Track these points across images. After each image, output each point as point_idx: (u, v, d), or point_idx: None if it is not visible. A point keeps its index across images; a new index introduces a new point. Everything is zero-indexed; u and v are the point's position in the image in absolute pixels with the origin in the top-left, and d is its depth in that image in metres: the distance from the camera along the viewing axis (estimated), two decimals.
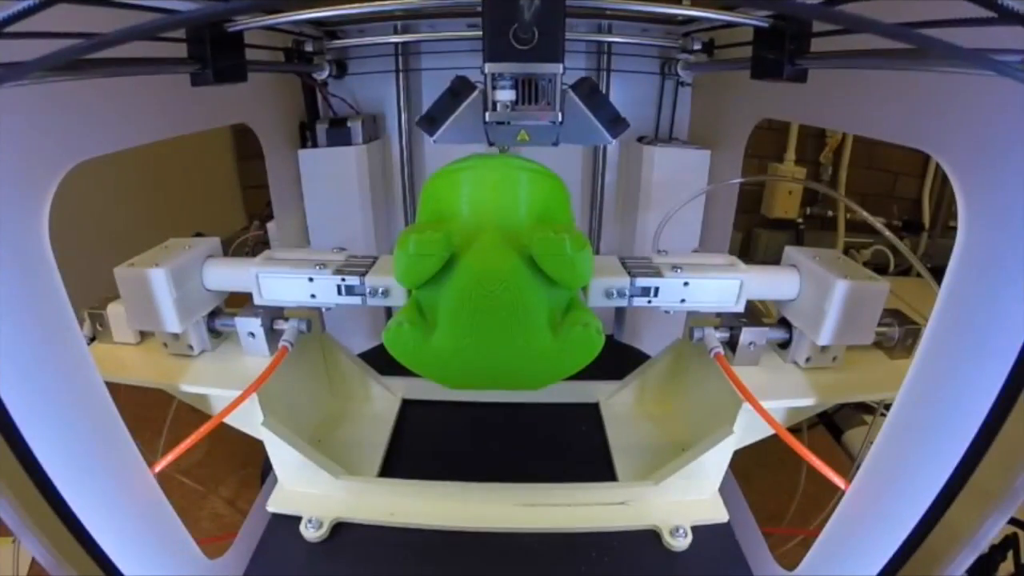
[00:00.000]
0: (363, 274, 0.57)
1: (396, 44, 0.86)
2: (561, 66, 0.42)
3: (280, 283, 0.58)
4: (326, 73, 0.86)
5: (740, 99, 0.77)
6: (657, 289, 0.57)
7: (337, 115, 0.91)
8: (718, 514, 0.61)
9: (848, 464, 0.99)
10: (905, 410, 0.42)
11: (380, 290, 0.57)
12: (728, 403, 0.58)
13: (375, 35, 0.84)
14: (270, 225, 0.88)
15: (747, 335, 0.60)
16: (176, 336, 0.61)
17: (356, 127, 0.87)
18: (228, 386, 0.58)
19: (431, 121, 0.49)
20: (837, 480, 0.50)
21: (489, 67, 0.42)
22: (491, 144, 0.50)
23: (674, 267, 0.57)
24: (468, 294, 0.46)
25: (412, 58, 0.90)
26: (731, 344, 0.62)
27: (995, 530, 0.37)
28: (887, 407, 0.63)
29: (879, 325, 0.58)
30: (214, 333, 0.65)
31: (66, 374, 0.40)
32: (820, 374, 0.61)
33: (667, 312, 0.59)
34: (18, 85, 0.33)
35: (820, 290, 0.55)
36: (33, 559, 0.59)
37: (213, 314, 0.64)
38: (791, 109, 0.70)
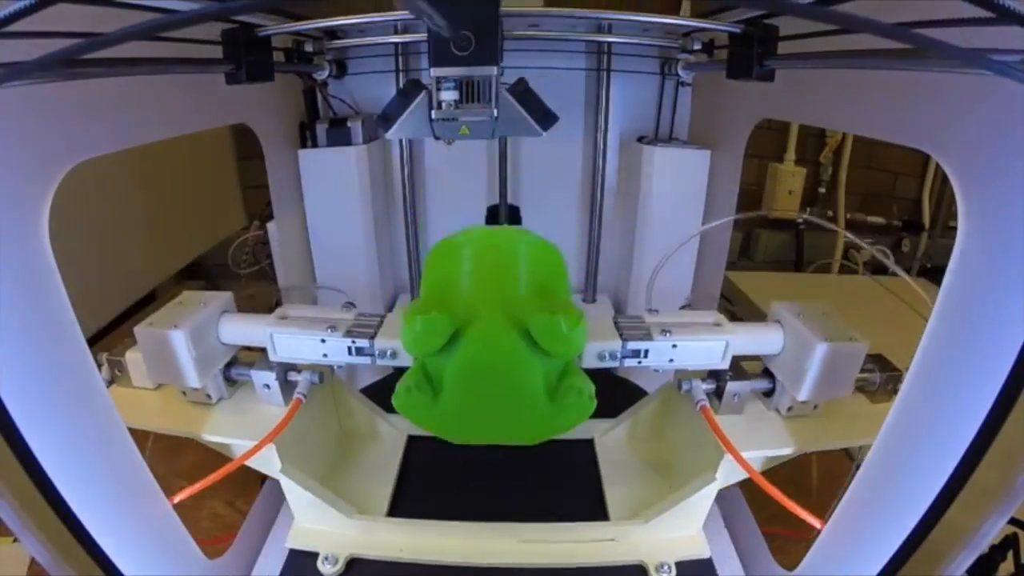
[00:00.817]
0: (372, 336, 0.60)
1: (396, 44, 0.86)
2: (495, 68, 0.48)
3: (294, 342, 0.61)
4: (326, 73, 0.86)
5: (740, 99, 0.77)
6: (647, 351, 0.60)
7: (337, 115, 0.91)
8: (701, 550, 0.64)
9: (848, 464, 0.98)
10: (905, 410, 0.42)
11: (388, 352, 0.60)
12: (712, 449, 0.60)
13: (375, 35, 0.84)
14: (270, 225, 0.88)
15: (732, 387, 0.63)
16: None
17: (356, 127, 0.87)
18: (247, 436, 0.61)
19: (386, 119, 0.56)
20: (813, 520, 0.52)
21: (434, 71, 0.49)
22: (437, 138, 0.55)
23: (663, 331, 0.60)
24: (470, 369, 0.50)
25: (412, 58, 0.90)
26: (717, 393, 0.65)
27: (995, 530, 0.37)
28: None
29: (861, 371, 0.61)
30: (230, 381, 0.67)
31: (66, 374, 0.40)
32: (801, 421, 0.64)
33: (656, 371, 0.62)
34: (19, 84, 0.33)
35: (802, 349, 0.58)
36: (33, 559, 0.59)
37: (229, 363, 0.66)
38: (791, 109, 0.70)
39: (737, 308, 1.53)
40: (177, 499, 0.52)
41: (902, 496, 0.42)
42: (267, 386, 0.65)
